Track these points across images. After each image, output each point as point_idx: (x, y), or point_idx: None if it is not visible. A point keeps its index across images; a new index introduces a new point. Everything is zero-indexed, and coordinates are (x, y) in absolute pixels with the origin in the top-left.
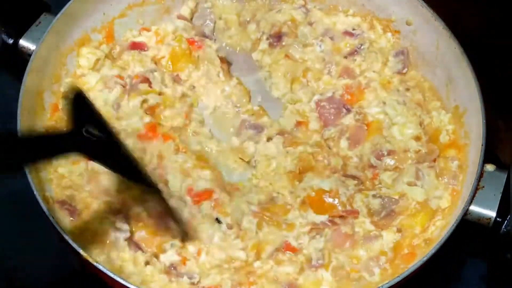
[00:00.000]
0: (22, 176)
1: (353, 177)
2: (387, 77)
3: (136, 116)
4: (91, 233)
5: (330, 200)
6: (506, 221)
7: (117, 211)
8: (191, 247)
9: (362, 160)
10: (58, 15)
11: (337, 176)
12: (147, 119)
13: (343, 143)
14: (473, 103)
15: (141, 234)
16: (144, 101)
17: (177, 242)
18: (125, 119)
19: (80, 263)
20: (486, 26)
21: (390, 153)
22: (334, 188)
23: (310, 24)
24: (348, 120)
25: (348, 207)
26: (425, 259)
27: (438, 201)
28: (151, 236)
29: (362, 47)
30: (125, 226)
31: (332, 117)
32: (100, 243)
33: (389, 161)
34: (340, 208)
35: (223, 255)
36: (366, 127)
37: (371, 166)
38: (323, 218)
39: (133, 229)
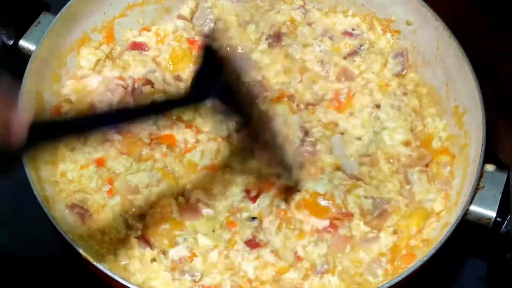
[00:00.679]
0: (23, 175)
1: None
2: (386, 80)
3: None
4: (100, 233)
5: (325, 202)
6: (506, 221)
7: (134, 208)
8: (205, 241)
9: None
10: (58, 15)
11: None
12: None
13: None
14: (473, 103)
15: (152, 230)
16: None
17: (190, 237)
18: None
19: (79, 262)
20: (486, 26)
21: None
22: (329, 191)
23: (309, 24)
24: None
25: (343, 210)
26: (425, 259)
27: (431, 204)
28: (163, 232)
29: (361, 48)
30: (138, 224)
31: None
32: (108, 241)
33: None
34: (334, 210)
35: (230, 261)
36: None
37: None
38: (325, 222)
39: (146, 225)
